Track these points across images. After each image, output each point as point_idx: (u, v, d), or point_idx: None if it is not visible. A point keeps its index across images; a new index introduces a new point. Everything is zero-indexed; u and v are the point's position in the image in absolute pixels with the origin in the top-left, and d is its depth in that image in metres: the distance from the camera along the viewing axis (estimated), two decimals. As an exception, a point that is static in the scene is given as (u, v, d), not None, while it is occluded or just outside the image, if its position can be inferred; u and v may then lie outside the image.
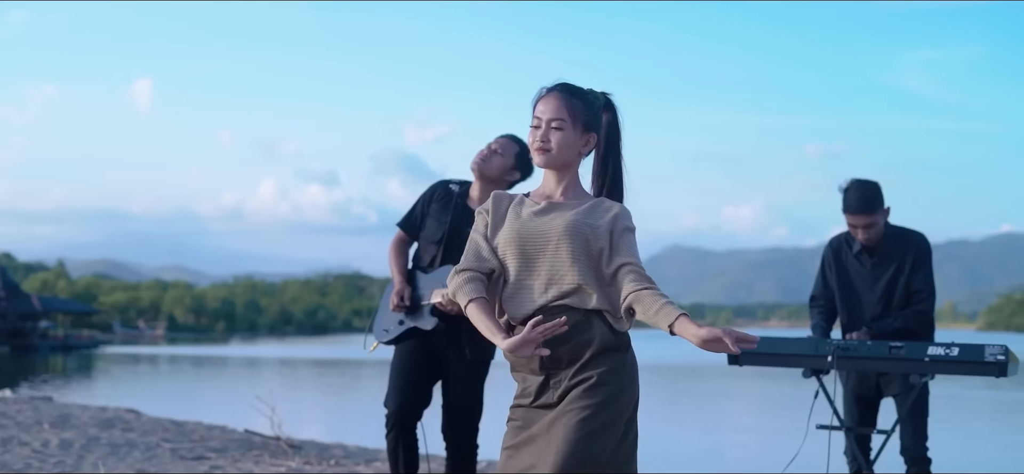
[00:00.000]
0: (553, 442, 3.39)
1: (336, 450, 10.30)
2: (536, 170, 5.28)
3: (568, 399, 3.43)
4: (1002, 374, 5.38)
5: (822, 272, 6.17)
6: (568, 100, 3.59)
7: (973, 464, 11.76)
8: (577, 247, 3.47)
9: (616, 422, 3.44)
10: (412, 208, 5.80)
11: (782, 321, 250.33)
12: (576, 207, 3.56)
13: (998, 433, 16.58)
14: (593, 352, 3.45)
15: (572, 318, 3.45)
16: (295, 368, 36.72)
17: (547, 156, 3.58)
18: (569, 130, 3.57)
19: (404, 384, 5.63)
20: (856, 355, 5.58)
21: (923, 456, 5.82)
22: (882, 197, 5.89)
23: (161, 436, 10.65)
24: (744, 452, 13.98)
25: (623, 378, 3.48)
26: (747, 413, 20.96)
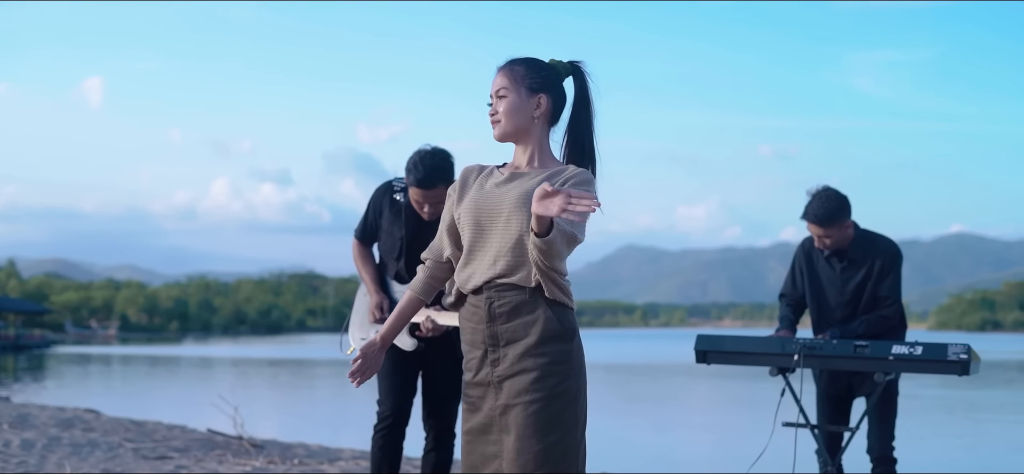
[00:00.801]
0: (508, 441, 3.44)
1: (298, 449, 10.30)
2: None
3: (514, 389, 3.45)
4: (965, 373, 5.46)
5: (792, 272, 6.25)
6: (510, 68, 3.64)
7: (934, 464, 11.89)
8: (528, 218, 3.43)
9: (566, 411, 3.44)
10: (364, 217, 5.79)
11: (735, 320, 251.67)
12: (535, 177, 3.55)
13: (958, 433, 16.77)
14: (537, 338, 3.45)
15: (516, 297, 3.47)
16: (250, 368, 36.56)
17: (498, 127, 3.61)
18: (513, 95, 3.60)
19: (397, 386, 5.67)
20: (822, 354, 5.66)
21: (888, 456, 5.89)
22: (846, 211, 5.92)
23: (123, 436, 10.62)
24: (710, 451, 14.06)
25: (569, 368, 3.47)
26: (713, 412, 21.08)
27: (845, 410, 6.14)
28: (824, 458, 6.02)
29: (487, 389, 3.49)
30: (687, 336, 52.54)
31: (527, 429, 3.39)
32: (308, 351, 55.78)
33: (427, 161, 5.41)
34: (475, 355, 3.54)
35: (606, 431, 15.91)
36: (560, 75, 3.68)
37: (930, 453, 12.87)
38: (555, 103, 3.66)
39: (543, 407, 3.40)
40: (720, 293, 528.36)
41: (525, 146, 3.64)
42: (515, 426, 3.41)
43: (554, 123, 3.67)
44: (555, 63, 3.69)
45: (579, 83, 3.70)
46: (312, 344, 71.10)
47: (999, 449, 14.46)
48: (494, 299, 3.47)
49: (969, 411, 20.76)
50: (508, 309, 3.46)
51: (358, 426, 15.19)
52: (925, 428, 15.95)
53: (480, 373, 3.51)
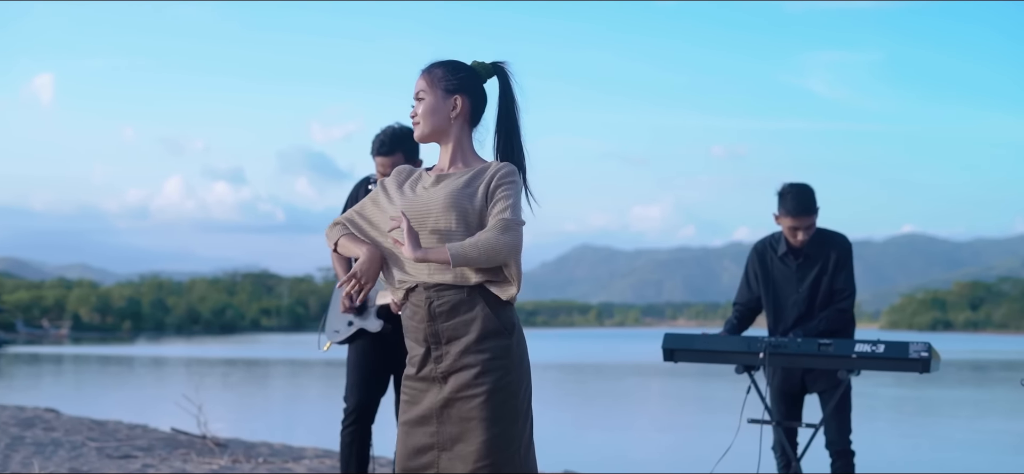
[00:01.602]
0: (448, 433, 3.56)
1: (262, 448, 10.32)
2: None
3: (457, 384, 3.56)
4: (925, 370, 5.61)
5: (746, 277, 6.38)
6: (428, 72, 3.77)
7: (890, 463, 12.06)
8: (456, 219, 3.58)
9: (508, 404, 3.56)
10: (343, 211, 5.92)
11: (690, 320, 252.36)
12: (460, 177, 3.66)
13: (912, 432, 16.99)
14: (477, 335, 3.56)
15: (455, 296, 3.58)
16: (206, 367, 36.39)
17: (417, 128, 3.76)
18: (430, 97, 3.73)
19: (362, 380, 5.81)
20: (787, 352, 5.80)
21: (847, 449, 6.05)
22: (816, 199, 6.12)
23: (86, 435, 10.61)
24: (672, 449, 14.17)
25: (509, 362, 3.59)
26: (673, 411, 21.21)
27: (798, 407, 6.28)
28: (782, 453, 6.15)
29: (430, 384, 3.62)
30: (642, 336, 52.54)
31: (471, 422, 3.52)
32: (263, 351, 55.54)
33: (387, 132, 5.67)
34: (418, 352, 3.66)
35: (567, 430, 16.01)
36: (480, 76, 3.81)
37: (886, 453, 13.04)
38: (474, 104, 3.78)
39: (486, 401, 3.53)
40: (674, 293, 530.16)
41: (446, 146, 3.77)
42: (459, 419, 3.54)
43: (475, 124, 3.80)
44: (477, 64, 3.81)
45: (503, 83, 3.81)
46: (267, 344, 70.76)
47: (954, 448, 14.66)
48: (433, 298, 3.60)
49: (923, 410, 21.01)
50: (447, 308, 3.59)
51: (318, 425, 15.22)
52: (880, 428, 16.14)
53: (424, 369, 3.64)
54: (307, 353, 45.86)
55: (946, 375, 31.27)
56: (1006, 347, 61.31)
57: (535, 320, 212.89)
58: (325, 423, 16.47)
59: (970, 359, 46.21)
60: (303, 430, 14.18)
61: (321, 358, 40.72)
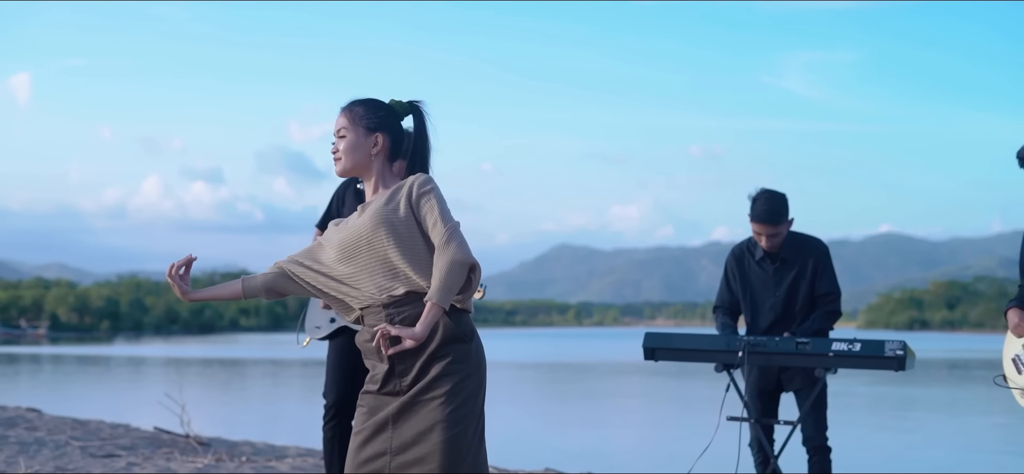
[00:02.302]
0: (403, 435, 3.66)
1: (244, 447, 10.38)
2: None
3: (417, 391, 3.68)
4: (901, 368, 5.74)
5: (725, 280, 6.49)
6: (349, 110, 3.91)
7: (867, 462, 12.17)
8: (385, 233, 3.72)
9: (466, 406, 3.68)
10: (327, 208, 6.06)
11: (668, 319, 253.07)
12: (380, 198, 3.80)
13: (889, 430, 17.11)
14: (438, 343, 3.68)
15: (412, 309, 3.70)
16: (185, 367, 36.36)
17: (338, 164, 3.91)
18: (351, 134, 3.87)
19: (342, 377, 5.89)
20: (766, 350, 5.92)
21: (824, 445, 6.18)
22: (788, 209, 6.21)
23: (69, 434, 10.64)
24: (651, 448, 14.26)
25: (468, 367, 3.71)
26: (651, 410, 21.30)
27: (774, 404, 6.40)
28: (759, 450, 6.28)
29: (394, 397, 3.72)
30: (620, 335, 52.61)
31: (429, 423, 3.63)
32: (242, 350, 55.47)
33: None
34: (382, 369, 3.75)
35: (547, 429, 16.11)
36: (398, 114, 3.95)
37: (863, 451, 13.16)
38: (393, 140, 3.92)
39: (445, 403, 3.65)
40: (653, 292, 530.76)
41: (369, 179, 3.92)
42: (417, 422, 3.65)
43: (395, 158, 3.93)
44: (394, 103, 3.95)
45: (417, 122, 3.96)
46: (246, 343, 70.70)
47: (930, 446, 14.80)
48: (393, 315, 3.72)
49: (899, 409, 21.16)
50: (408, 320, 3.70)
51: (299, 424, 15.27)
52: (856, 426, 16.27)
53: (388, 385, 3.73)
54: (286, 352, 45.82)
55: (923, 374, 31.49)
56: (982, 346, 61.64)
57: (513, 319, 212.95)
58: (306, 422, 16.51)
59: (946, 358, 46.48)
60: (284, 429, 14.23)
61: (300, 357, 40.72)
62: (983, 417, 19.32)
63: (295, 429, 14.01)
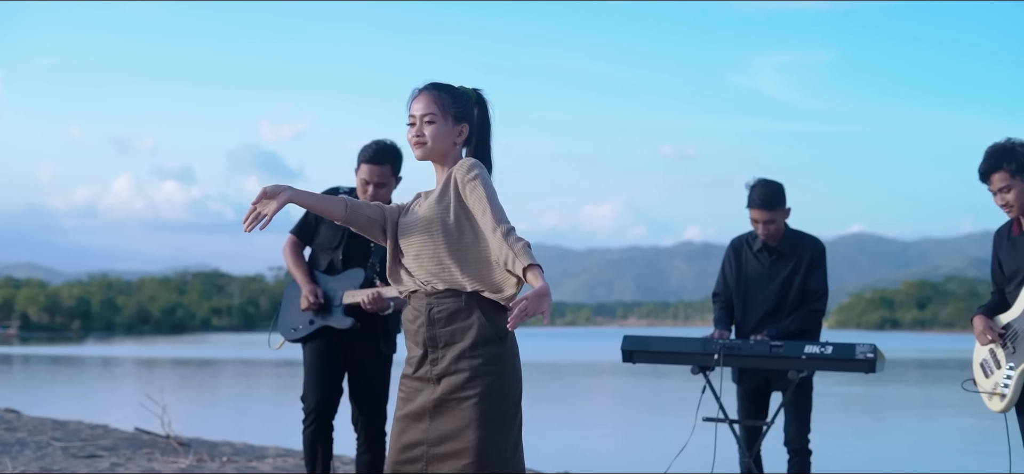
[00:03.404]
0: (438, 431, 3.80)
1: (224, 447, 10.47)
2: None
3: (449, 386, 3.81)
4: (871, 370, 5.91)
5: (723, 270, 6.65)
6: (438, 95, 3.95)
7: (840, 462, 12.33)
8: (437, 232, 3.85)
9: (497, 407, 3.82)
10: (304, 215, 6.15)
11: (640, 319, 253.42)
12: (435, 191, 3.92)
13: (860, 431, 17.28)
14: (471, 342, 3.81)
15: (453, 303, 3.83)
16: (158, 367, 36.31)
17: (423, 149, 3.95)
18: (441, 122, 3.93)
19: (321, 379, 6.00)
20: (740, 353, 6.09)
21: (804, 448, 6.33)
22: (784, 197, 6.38)
23: (50, 435, 10.71)
24: (627, 448, 14.38)
25: (501, 368, 3.85)
26: (626, 410, 21.43)
27: (764, 405, 6.55)
28: (743, 451, 6.42)
29: (425, 383, 3.85)
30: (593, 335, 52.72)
31: (463, 423, 3.77)
32: (215, 350, 55.37)
33: (379, 143, 5.93)
34: (416, 353, 3.90)
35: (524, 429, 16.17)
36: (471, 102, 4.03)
37: (836, 451, 13.31)
38: (471, 132, 4.01)
39: (477, 403, 3.78)
40: (625, 292, 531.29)
41: (442, 167, 3.98)
42: (450, 420, 3.78)
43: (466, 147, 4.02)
44: (465, 91, 4.02)
45: (482, 112, 4.05)
46: (218, 343, 70.51)
47: (900, 446, 14.97)
48: (433, 305, 3.85)
49: (869, 409, 21.37)
50: (445, 314, 3.83)
51: (276, 424, 15.34)
52: (829, 426, 16.45)
53: (420, 369, 3.87)
54: (259, 352, 45.80)
55: (893, 373, 31.74)
56: (952, 346, 62.06)
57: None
58: (281, 422, 16.58)
59: (917, 357, 46.81)
60: (260, 429, 14.28)
61: (273, 357, 40.68)
62: (953, 417, 19.53)
63: (271, 429, 14.09)
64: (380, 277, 5.88)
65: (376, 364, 6.00)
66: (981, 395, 5.72)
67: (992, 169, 5.40)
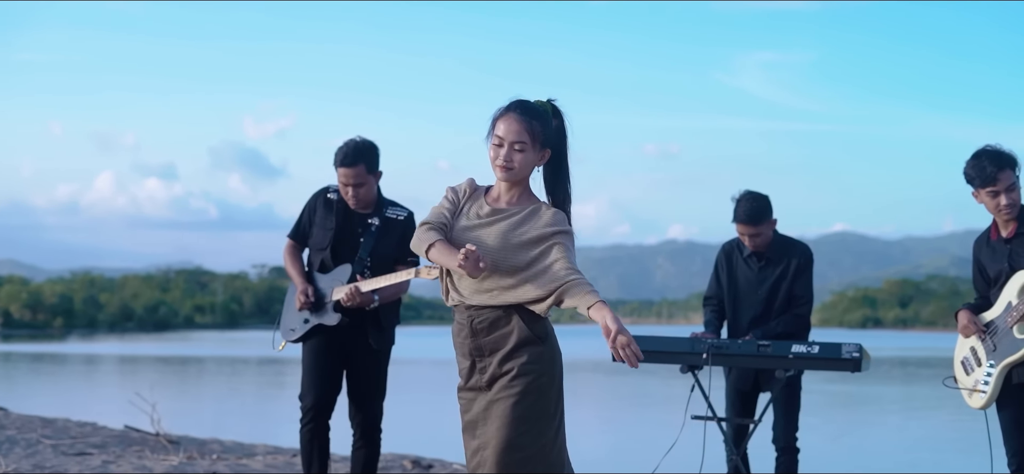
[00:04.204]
0: (490, 431, 3.91)
1: (213, 445, 10.52)
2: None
3: (496, 388, 3.94)
4: (857, 369, 6.02)
5: (715, 273, 6.77)
6: (528, 122, 3.97)
7: (822, 461, 12.42)
8: (503, 257, 3.92)
9: (542, 404, 3.94)
10: (299, 218, 6.27)
11: (625, 317, 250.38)
12: (513, 216, 3.99)
13: (843, 429, 17.38)
14: (514, 345, 3.93)
15: (492, 314, 3.94)
16: (143, 365, 36.27)
17: (510, 173, 4.00)
18: (530, 151, 3.99)
19: (319, 378, 6.07)
20: (728, 352, 6.19)
21: (792, 446, 6.44)
22: (770, 210, 6.48)
23: (40, 433, 10.75)
24: (614, 447, 14.44)
25: (543, 366, 3.96)
26: (613, 409, 21.50)
27: (752, 404, 6.67)
28: (730, 449, 6.52)
29: (477, 393, 3.98)
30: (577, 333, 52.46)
31: (506, 418, 3.88)
32: (198, 348, 55.30)
33: (350, 144, 5.99)
34: (465, 365, 4.03)
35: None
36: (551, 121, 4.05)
37: (822, 449, 13.40)
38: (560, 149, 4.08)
39: (520, 400, 3.89)
40: (609, 290, 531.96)
41: (516, 186, 4.05)
42: (498, 416, 3.90)
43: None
44: (542, 105, 4.05)
45: (559, 124, 4.09)
46: (202, 341, 70.35)
47: (885, 444, 15.06)
48: (474, 316, 3.96)
49: (853, 406, 21.49)
50: (487, 324, 3.95)
51: (261, 422, 15.39)
52: (814, 423, 16.55)
53: (471, 380, 4.01)
54: (243, 350, 45.77)
55: (876, 372, 31.88)
56: (934, 344, 62.28)
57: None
58: (269, 420, 16.63)
59: (899, 356, 47.00)
60: (247, 427, 14.32)
61: (256, 355, 40.70)
62: (936, 416, 19.66)
63: (257, 427, 14.13)
64: (371, 272, 5.96)
65: (368, 358, 6.09)
66: (961, 391, 5.83)
67: (1002, 167, 5.52)
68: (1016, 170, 5.55)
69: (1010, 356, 5.52)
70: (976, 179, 5.58)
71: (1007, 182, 5.52)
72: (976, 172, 5.57)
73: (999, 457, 5.75)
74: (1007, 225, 5.62)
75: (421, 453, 9.84)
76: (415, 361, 33.02)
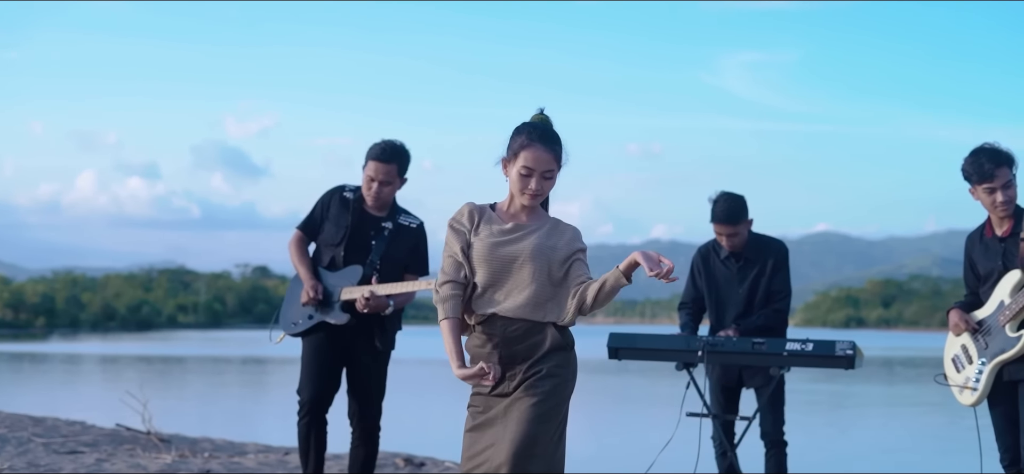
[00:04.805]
0: (510, 423, 4.00)
1: (204, 443, 10.53)
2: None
3: (523, 387, 4.04)
4: (850, 367, 6.08)
5: (691, 277, 6.81)
6: (555, 151, 4.15)
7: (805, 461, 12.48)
8: (538, 268, 4.07)
9: (560, 407, 4.08)
10: (312, 211, 6.28)
11: (608, 317, 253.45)
12: (538, 230, 4.14)
13: (825, 429, 17.45)
14: (546, 350, 4.07)
15: (524, 325, 4.06)
16: (126, 364, 36.24)
17: (538, 199, 4.16)
18: (556, 176, 4.17)
19: (317, 374, 6.11)
20: (723, 350, 6.25)
21: (780, 440, 6.53)
22: (746, 210, 6.56)
23: (31, 431, 10.74)
24: (604, 444, 14.48)
25: (568, 371, 4.12)
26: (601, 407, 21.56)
27: (735, 400, 6.74)
28: (721, 442, 6.59)
29: (503, 399, 4.08)
30: (563, 333, 52.37)
31: (527, 418, 3.98)
32: (182, 348, 55.21)
33: (388, 142, 6.08)
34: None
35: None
36: None
37: (806, 447, 13.46)
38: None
39: (542, 401, 4.01)
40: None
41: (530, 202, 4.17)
42: (517, 415, 3.99)
43: None
44: (548, 123, 4.25)
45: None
46: (185, 341, 70.23)
47: (869, 443, 15.13)
48: (508, 326, 4.06)
49: (837, 406, 21.58)
50: (520, 333, 4.06)
51: (250, 420, 15.40)
52: (800, 422, 16.62)
53: (498, 387, 4.08)
54: (227, 350, 45.73)
55: (859, 371, 31.98)
56: (917, 344, 62.48)
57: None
58: (257, 419, 16.64)
59: (882, 355, 47.17)
60: (234, 425, 14.32)
61: (241, 354, 40.68)
62: (920, 415, 19.76)
63: (245, 425, 14.15)
64: (380, 276, 5.99)
65: (372, 360, 6.12)
66: (952, 389, 5.89)
67: (999, 164, 5.59)
68: (1013, 168, 5.63)
69: (1003, 354, 5.58)
70: (974, 176, 5.65)
71: (1004, 179, 5.59)
72: (974, 169, 5.64)
73: (988, 455, 5.82)
74: (1002, 223, 5.70)
75: (413, 451, 9.87)
76: (404, 360, 33.05)
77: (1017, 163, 5.65)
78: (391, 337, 6.17)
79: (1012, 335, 5.56)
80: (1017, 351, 5.53)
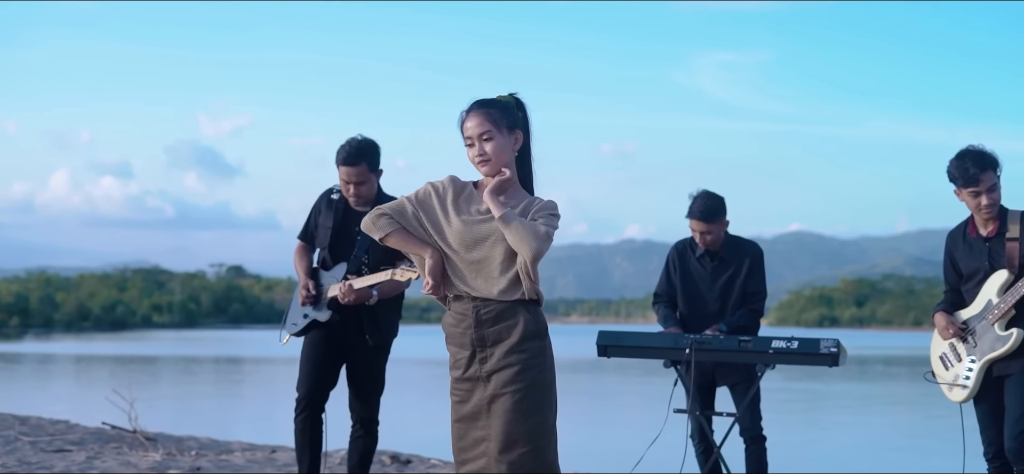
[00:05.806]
0: (495, 424, 4.02)
1: (190, 442, 10.59)
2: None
3: (500, 381, 4.04)
4: (834, 364, 6.22)
5: (667, 271, 6.93)
6: (486, 112, 4.15)
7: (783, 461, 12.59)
8: (511, 248, 4.05)
9: (544, 397, 4.08)
10: (306, 221, 6.47)
11: (583, 316, 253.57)
12: (515, 209, 4.12)
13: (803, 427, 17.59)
14: (518, 337, 4.05)
15: (498, 306, 4.07)
16: (104, 364, 36.15)
17: (489, 165, 4.15)
18: (498, 136, 4.14)
19: (312, 370, 6.24)
20: (710, 347, 6.36)
21: (759, 434, 6.67)
22: (724, 210, 6.69)
23: (17, 430, 10.78)
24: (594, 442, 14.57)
25: (544, 361, 4.11)
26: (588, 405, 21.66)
27: (711, 398, 6.86)
28: (701, 439, 6.71)
29: (476, 383, 4.08)
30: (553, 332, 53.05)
31: (512, 413, 3.99)
32: (158, 348, 55.06)
33: (352, 143, 6.12)
34: (463, 355, 4.12)
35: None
36: (515, 109, 4.21)
37: (794, 446, 13.57)
38: (526, 138, 4.23)
39: (525, 395, 4.01)
40: (567, 289, 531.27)
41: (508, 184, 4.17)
42: (502, 411, 4.01)
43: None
44: (507, 100, 4.22)
45: (524, 115, 4.26)
46: (160, 340, 70.03)
47: (843, 442, 15.27)
48: (480, 307, 4.06)
49: (811, 404, 21.73)
50: (493, 315, 4.05)
51: (234, 419, 15.44)
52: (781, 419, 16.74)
53: (469, 370, 4.09)
54: (202, 349, 45.66)
55: (833, 370, 32.19)
56: (890, 343, 62.91)
57: (429, 317, 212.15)
58: (239, 417, 16.68)
59: (856, 355, 47.36)
60: (219, 424, 14.37)
61: (214, 354, 40.63)
62: (894, 412, 19.94)
63: (228, 424, 14.19)
64: (369, 268, 6.10)
65: (365, 354, 6.23)
66: (941, 386, 6.03)
67: (984, 168, 5.72)
68: (997, 171, 5.77)
69: (994, 351, 5.73)
70: (959, 179, 5.79)
71: (988, 183, 5.73)
72: (959, 172, 5.77)
73: (971, 454, 5.95)
74: (987, 224, 5.84)
75: (400, 449, 9.95)
76: (401, 361, 33.06)
77: (1001, 165, 5.78)
78: (383, 331, 6.24)
79: (1002, 333, 5.71)
80: (1008, 348, 5.68)
